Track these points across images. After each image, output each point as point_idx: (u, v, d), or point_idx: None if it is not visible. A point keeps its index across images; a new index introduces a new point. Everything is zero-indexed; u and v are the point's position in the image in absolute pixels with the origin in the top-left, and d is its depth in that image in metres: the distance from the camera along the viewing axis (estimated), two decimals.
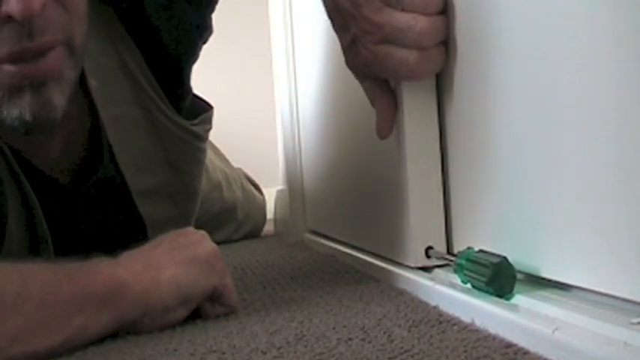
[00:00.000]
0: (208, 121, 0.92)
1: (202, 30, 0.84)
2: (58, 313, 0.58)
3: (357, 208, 0.94)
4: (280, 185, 1.48)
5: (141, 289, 0.62)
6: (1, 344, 0.55)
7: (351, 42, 0.67)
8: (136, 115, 0.81)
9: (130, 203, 0.82)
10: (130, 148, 0.81)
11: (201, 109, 0.91)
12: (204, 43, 0.86)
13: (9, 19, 0.62)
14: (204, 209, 1.12)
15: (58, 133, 0.75)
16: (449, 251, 0.70)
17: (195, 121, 0.88)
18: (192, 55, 0.85)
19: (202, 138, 0.90)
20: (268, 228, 1.52)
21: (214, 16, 0.85)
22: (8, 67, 0.64)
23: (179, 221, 0.87)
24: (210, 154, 1.22)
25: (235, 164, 1.53)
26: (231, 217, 1.42)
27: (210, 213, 1.30)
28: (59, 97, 0.67)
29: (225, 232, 1.40)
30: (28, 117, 0.66)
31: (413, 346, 0.49)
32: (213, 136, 1.37)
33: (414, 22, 0.63)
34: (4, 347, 0.55)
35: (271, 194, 1.53)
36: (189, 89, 0.88)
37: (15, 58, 0.64)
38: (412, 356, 0.47)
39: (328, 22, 0.72)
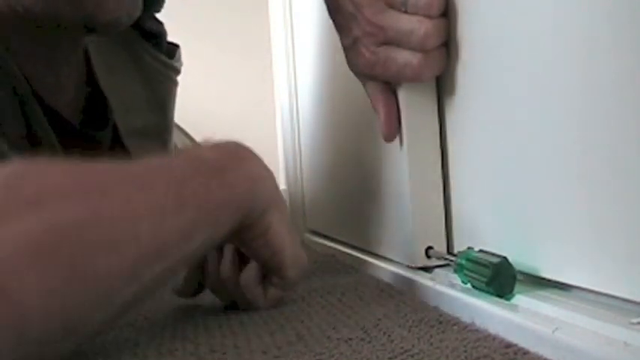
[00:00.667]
0: (180, 58, 0.93)
1: None
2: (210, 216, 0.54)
3: (357, 208, 0.94)
4: (280, 185, 1.48)
5: (272, 185, 0.61)
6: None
7: (353, 43, 0.67)
8: (123, 56, 0.82)
9: (121, 146, 0.81)
10: (119, 90, 0.81)
11: (174, 48, 0.92)
12: None
13: None
14: None
15: (72, 71, 0.74)
16: (449, 251, 0.70)
17: (175, 59, 0.89)
18: None
19: (179, 72, 0.92)
20: None
21: (215, 16, 0.85)
22: None
23: None
24: (184, 140, 1.21)
25: None
26: None
27: None
28: None
29: None
30: (125, 19, 0.67)
31: (413, 346, 0.49)
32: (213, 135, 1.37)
33: (418, 25, 0.62)
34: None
35: None
36: (164, 28, 0.89)
37: None
38: (412, 356, 0.47)
39: (328, 21, 0.72)
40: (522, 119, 0.55)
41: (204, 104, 0.96)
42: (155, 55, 0.85)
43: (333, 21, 0.70)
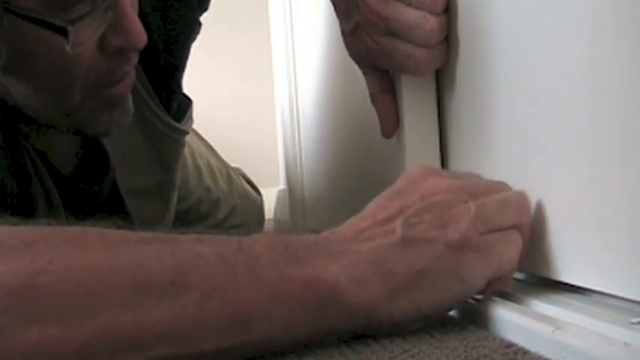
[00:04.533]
0: (190, 116, 0.93)
1: (193, 29, 0.85)
2: (229, 311, 0.45)
3: (358, 207, 0.93)
4: (280, 185, 1.48)
5: (366, 301, 0.48)
6: (147, 340, 0.44)
7: (354, 29, 0.66)
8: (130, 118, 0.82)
9: (120, 203, 0.82)
10: (121, 149, 0.81)
11: (185, 106, 0.91)
12: (194, 40, 0.86)
13: (118, 51, 0.63)
14: (183, 194, 1.10)
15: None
16: None
17: (183, 121, 0.89)
18: (184, 57, 0.86)
19: (187, 133, 0.92)
20: (268, 228, 1.52)
21: (215, 15, 0.85)
22: (105, 90, 0.66)
23: (167, 217, 0.88)
24: (193, 138, 1.20)
25: (235, 165, 1.53)
26: (214, 208, 1.31)
27: (190, 200, 1.24)
28: (131, 100, 0.70)
29: (208, 223, 1.28)
30: (114, 130, 0.69)
31: (413, 346, 0.49)
32: (213, 136, 1.37)
33: (423, 21, 0.62)
34: (150, 344, 0.44)
35: (271, 194, 1.53)
36: (180, 89, 0.88)
37: (113, 83, 0.66)
38: (412, 356, 0.47)
39: (329, 21, 0.71)
40: (523, 117, 0.55)
41: (204, 104, 0.97)
42: (162, 118, 0.84)
43: (334, 5, 0.70)
